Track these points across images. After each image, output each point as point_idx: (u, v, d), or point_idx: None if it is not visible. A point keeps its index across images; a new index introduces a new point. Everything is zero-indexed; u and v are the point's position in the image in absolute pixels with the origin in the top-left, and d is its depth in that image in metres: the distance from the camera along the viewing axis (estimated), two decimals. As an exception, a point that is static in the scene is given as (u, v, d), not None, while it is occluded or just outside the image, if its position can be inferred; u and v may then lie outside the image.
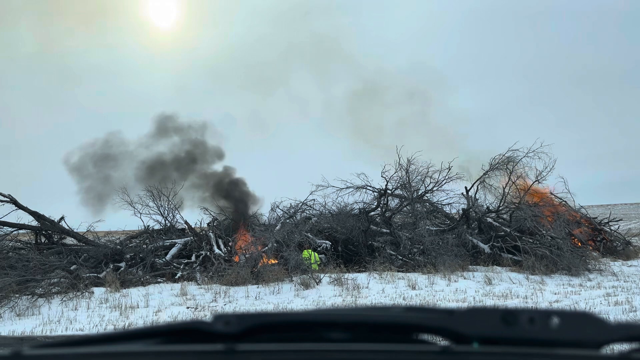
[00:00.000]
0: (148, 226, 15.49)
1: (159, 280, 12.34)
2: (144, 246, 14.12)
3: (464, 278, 12.29)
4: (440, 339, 0.96)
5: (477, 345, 0.89)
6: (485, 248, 14.99)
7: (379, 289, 11.10)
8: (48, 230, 14.01)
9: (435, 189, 16.29)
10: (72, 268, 11.79)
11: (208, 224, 16.06)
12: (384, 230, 15.82)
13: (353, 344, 0.93)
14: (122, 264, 12.95)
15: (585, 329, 0.91)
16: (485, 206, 17.17)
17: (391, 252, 14.64)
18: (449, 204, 16.82)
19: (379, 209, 16.29)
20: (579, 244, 15.49)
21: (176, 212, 15.71)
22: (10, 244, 13.28)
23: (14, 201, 13.21)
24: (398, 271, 13.18)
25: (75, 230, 14.33)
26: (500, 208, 16.36)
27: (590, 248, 16.42)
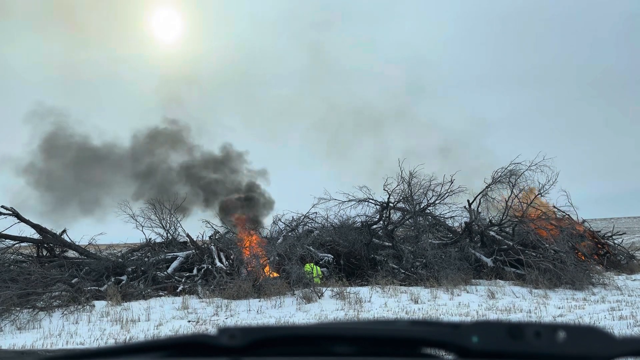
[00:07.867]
0: (150, 239, 15.48)
1: (161, 293, 12.29)
2: (146, 259, 14.07)
3: (467, 292, 12.21)
4: (445, 353, 0.95)
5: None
6: (488, 262, 14.90)
7: (381, 303, 11.03)
8: (50, 243, 14.00)
9: (437, 202, 16.26)
10: (73, 281, 11.75)
11: (210, 237, 16.02)
12: (387, 243, 15.76)
13: (358, 357, 0.93)
14: (124, 277, 12.91)
15: (592, 344, 0.91)
16: (487, 219, 17.12)
17: (394, 265, 14.56)
18: (451, 217, 16.79)
19: (381, 222, 16.24)
20: (583, 257, 15.40)
21: (178, 224, 15.72)
22: (12, 257, 13.29)
23: (16, 214, 13.22)
24: (400, 285, 13.10)
25: (77, 243, 14.31)
26: (503, 221, 16.29)
27: (594, 262, 16.33)
